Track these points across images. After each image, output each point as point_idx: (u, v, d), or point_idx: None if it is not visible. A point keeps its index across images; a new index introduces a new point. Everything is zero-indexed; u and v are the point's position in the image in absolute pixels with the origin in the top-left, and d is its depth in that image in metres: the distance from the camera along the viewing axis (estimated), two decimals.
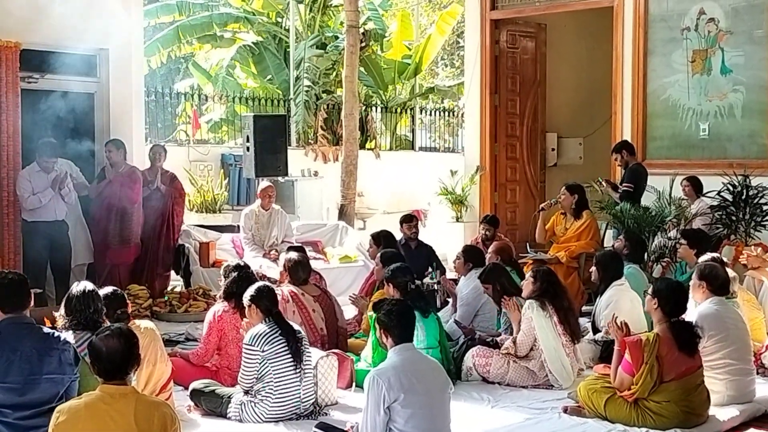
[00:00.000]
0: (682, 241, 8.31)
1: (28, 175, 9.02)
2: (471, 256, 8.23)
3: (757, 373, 6.48)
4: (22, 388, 4.37)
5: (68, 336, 5.03)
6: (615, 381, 5.75)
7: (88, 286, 5.28)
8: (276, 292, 6.20)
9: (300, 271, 7.31)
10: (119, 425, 3.75)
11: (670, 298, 5.74)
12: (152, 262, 9.89)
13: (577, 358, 6.81)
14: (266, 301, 5.89)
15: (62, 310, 5.23)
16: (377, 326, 4.98)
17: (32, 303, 4.77)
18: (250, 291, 5.94)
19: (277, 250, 9.92)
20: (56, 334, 4.61)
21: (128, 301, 5.78)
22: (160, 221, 9.86)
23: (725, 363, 6.11)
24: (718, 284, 6.36)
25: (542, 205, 10.36)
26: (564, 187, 9.78)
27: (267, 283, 6.27)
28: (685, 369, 5.63)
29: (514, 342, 6.71)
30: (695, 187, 9.94)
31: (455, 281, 8.48)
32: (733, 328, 6.24)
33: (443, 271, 9.21)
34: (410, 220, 9.80)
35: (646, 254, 8.94)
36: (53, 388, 4.43)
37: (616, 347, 5.82)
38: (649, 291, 5.90)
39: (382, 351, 6.10)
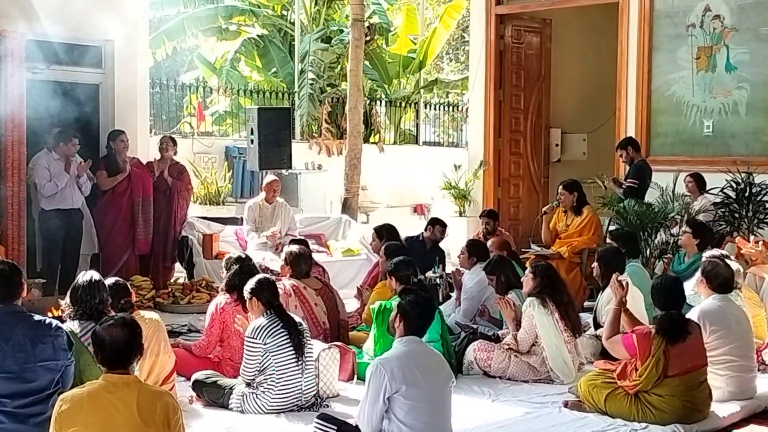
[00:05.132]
0: (687, 229, 8.33)
1: (47, 163, 9.04)
2: (475, 250, 8.23)
3: (759, 370, 6.48)
4: (18, 377, 4.39)
5: (73, 326, 5.05)
6: (607, 342, 5.79)
7: (95, 275, 5.28)
8: (277, 285, 6.21)
9: (302, 264, 7.32)
10: (122, 414, 3.77)
11: (662, 294, 5.81)
12: (159, 255, 9.95)
13: (578, 352, 6.83)
14: (267, 294, 5.88)
15: (68, 299, 5.24)
16: (396, 310, 4.91)
17: (25, 293, 4.77)
18: (251, 284, 5.93)
19: (281, 243, 9.95)
20: (47, 320, 4.61)
21: (132, 291, 5.81)
22: (166, 213, 9.90)
23: (727, 359, 6.12)
24: (717, 282, 6.36)
25: (544, 209, 10.27)
26: (561, 187, 9.73)
27: (267, 275, 6.27)
28: (690, 366, 5.64)
29: (515, 338, 6.73)
30: (698, 183, 9.96)
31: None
32: (735, 324, 6.24)
33: (444, 267, 9.22)
34: (444, 225, 9.77)
35: (648, 250, 8.94)
36: (49, 374, 4.46)
37: (614, 305, 5.84)
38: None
39: (384, 343, 6.13)
